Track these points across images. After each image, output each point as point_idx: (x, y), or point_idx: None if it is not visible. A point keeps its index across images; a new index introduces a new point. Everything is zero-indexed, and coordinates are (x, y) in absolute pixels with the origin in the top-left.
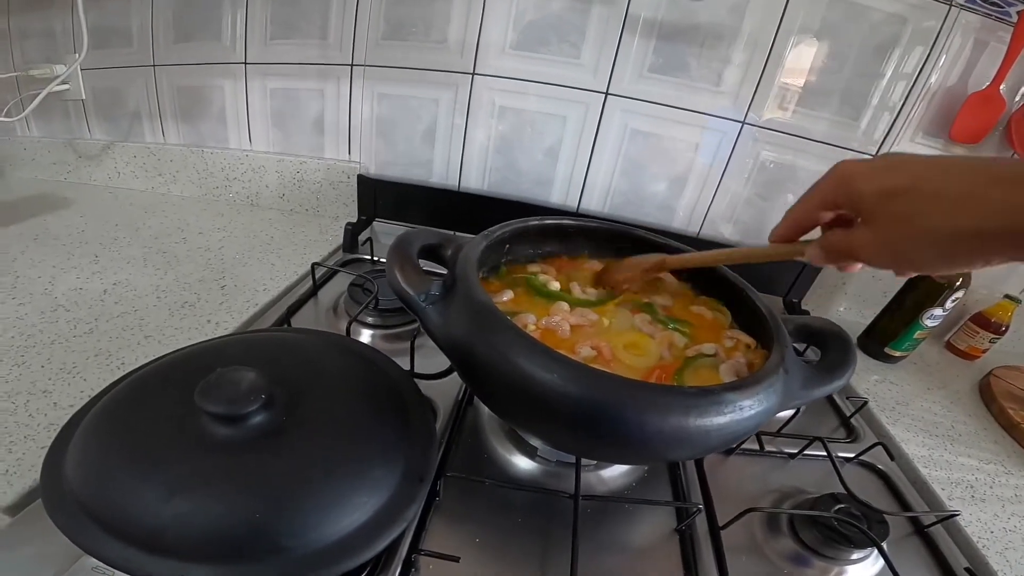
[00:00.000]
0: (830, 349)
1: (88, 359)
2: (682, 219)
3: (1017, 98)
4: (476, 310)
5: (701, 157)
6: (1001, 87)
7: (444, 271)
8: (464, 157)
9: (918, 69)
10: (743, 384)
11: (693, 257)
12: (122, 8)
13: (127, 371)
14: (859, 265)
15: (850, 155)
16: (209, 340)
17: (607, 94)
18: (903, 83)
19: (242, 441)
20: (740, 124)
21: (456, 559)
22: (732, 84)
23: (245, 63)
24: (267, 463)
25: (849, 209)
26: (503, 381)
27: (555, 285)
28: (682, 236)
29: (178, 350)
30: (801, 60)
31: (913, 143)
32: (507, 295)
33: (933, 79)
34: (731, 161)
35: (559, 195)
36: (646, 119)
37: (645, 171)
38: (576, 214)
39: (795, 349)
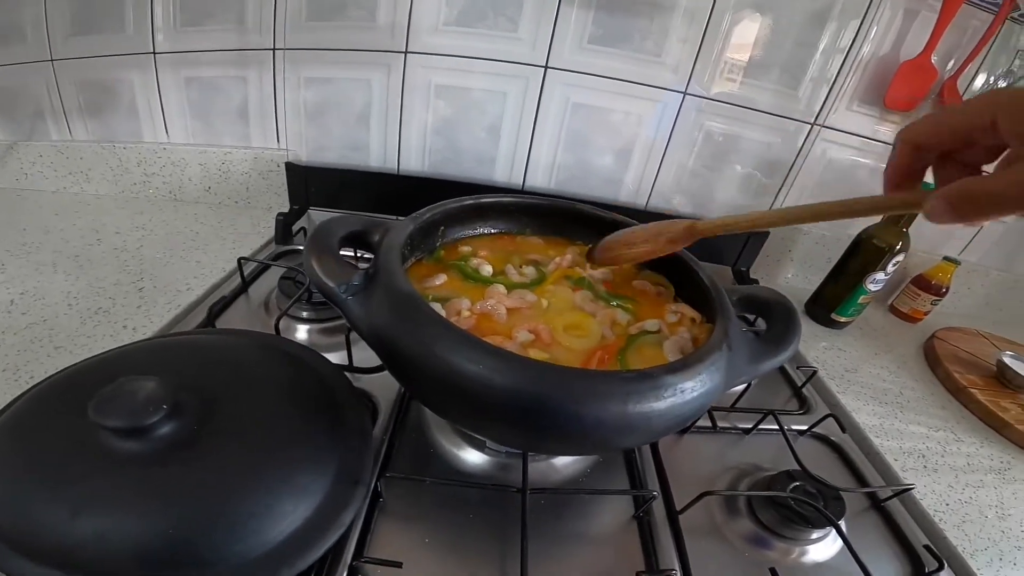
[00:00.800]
0: (775, 320)
1: None
2: (629, 192)
3: (949, 66)
4: (398, 300)
5: (645, 129)
6: (932, 56)
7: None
8: (402, 139)
9: (851, 40)
10: (683, 365)
11: (735, 221)
12: (10, 2)
13: (34, 384)
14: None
15: (791, 124)
16: (116, 348)
17: (547, 67)
18: (838, 54)
19: (149, 454)
20: (682, 95)
21: (398, 564)
22: (673, 55)
23: (154, 53)
24: (178, 475)
25: (1005, 141)
26: (430, 376)
27: (487, 269)
28: (629, 209)
29: (80, 362)
30: (740, 32)
31: (849, 111)
32: (440, 279)
33: (866, 49)
34: (675, 132)
35: (503, 173)
36: (588, 92)
37: (589, 145)
38: (521, 191)
39: (746, 319)
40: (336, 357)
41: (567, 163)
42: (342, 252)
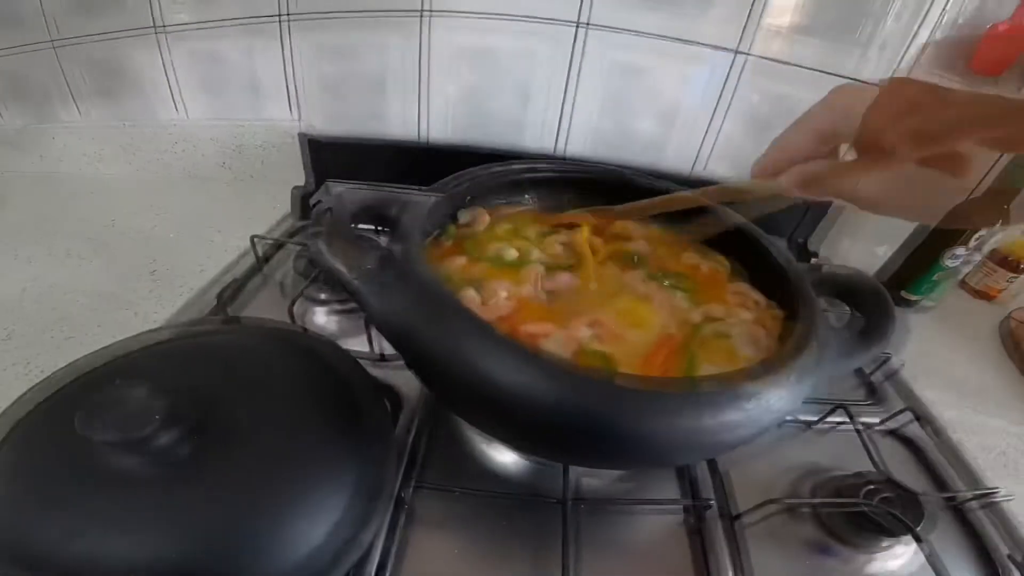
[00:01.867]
0: (866, 310)
1: (5, 369)
2: (672, 158)
3: None
4: (416, 288)
5: (691, 91)
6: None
7: None
8: (423, 105)
9: None
10: (768, 369)
11: (649, 203)
12: None
13: (37, 382)
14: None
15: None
16: (118, 342)
17: (584, 24)
18: (917, 12)
19: (147, 470)
20: (733, 54)
21: None
22: (725, 9)
23: (155, 28)
24: (177, 495)
25: (855, 143)
26: (458, 382)
27: (512, 253)
28: (674, 176)
29: (82, 357)
30: None
31: (929, 75)
32: (459, 261)
33: (950, 8)
34: (723, 94)
35: (534, 139)
36: (629, 51)
37: (630, 108)
38: (553, 158)
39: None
40: (357, 343)
41: (604, 127)
42: (362, 226)
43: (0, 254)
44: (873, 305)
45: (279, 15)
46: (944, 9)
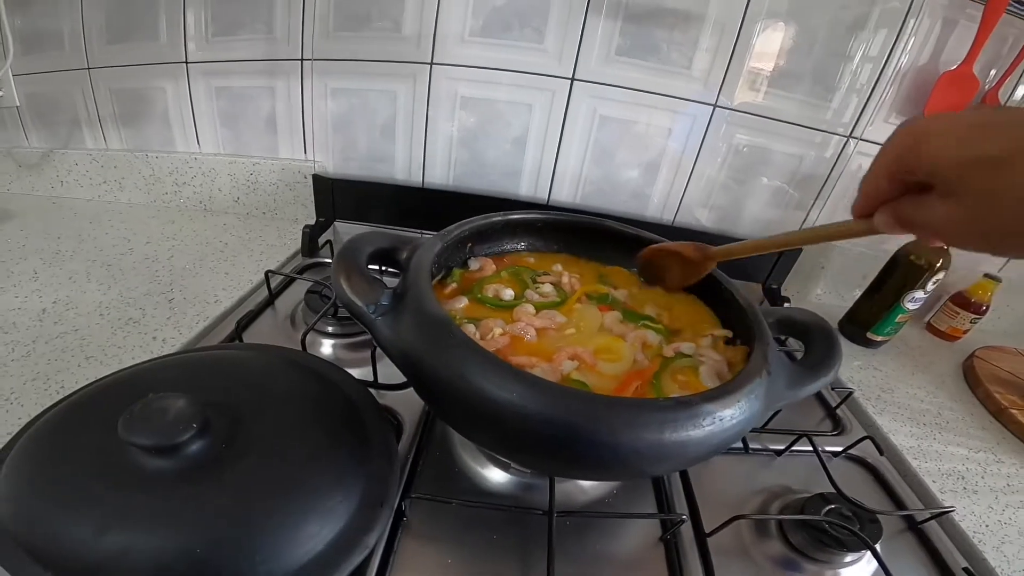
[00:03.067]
0: (815, 344)
1: (25, 384)
2: (656, 206)
3: (991, 76)
4: (427, 322)
5: (673, 142)
6: (974, 66)
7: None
8: (427, 151)
9: (887, 50)
10: (722, 392)
11: (741, 247)
12: (50, 10)
13: (66, 395)
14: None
15: (824, 137)
16: (145, 362)
17: (573, 79)
18: (874, 65)
19: (177, 473)
20: (712, 107)
21: None
22: (702, 67)
23: (186, 62)
24: (205, 495)
25: (924, 178)
26: (459, 400)
27: (508, 294)
28: (657, 225)
29: (110, 375)
30: (770, 43)
31: (886, 123)
32: (462, 301)
33: (904, 60)
34: (704, 145)
35: (528, 187)
36: (615, 104)
37: (616, 158)
38: (547, 206)
39: (777, 339)
40: (360, 372)
41: (593, 177)
42: (370, 267)
43: (20, 275)
44: (821, 341)
45: (301, 58)
46: (899, 61)
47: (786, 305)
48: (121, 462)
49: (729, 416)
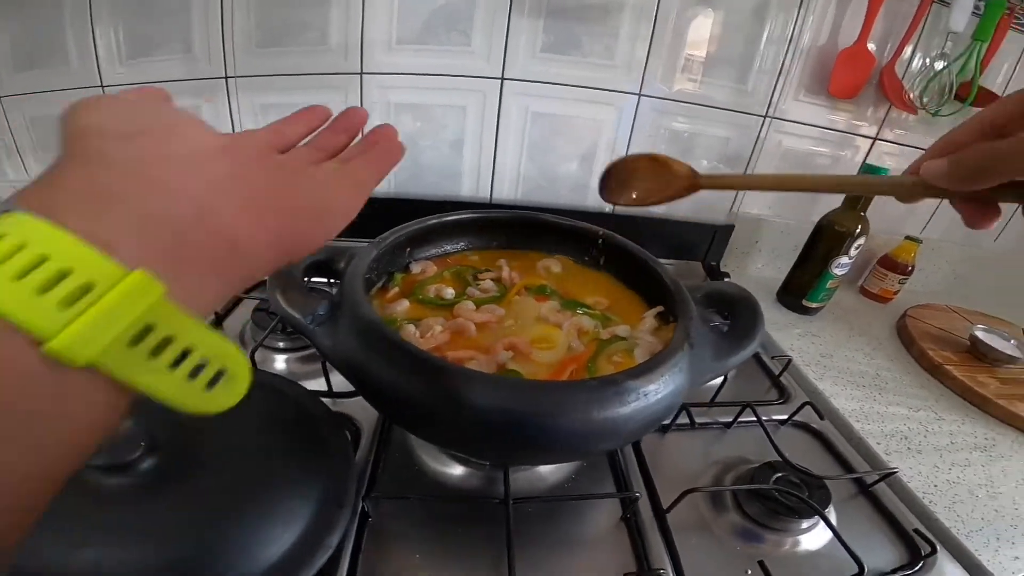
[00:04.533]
0: (738, 316)
1: None
2: (596, 198)
3: (886, 51)
4: (362, 327)
5: (606, 133)
6: (868, 42)
7: None
8: None
9: (791, 31)
10: (645, 369)
11: (733, 179)
12: None
13: None
14: (994, 221)
15: (745, 118)
16: None
17: (503, 79)
18: (780, 46)
19: (135, 488)
20: (637, 96)
21: None
22: (624, 57)
23: (101, 86)
24: (164, 507)
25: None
26: (399, 399)
27: (449, 293)
28: (598, 214)
29: None
30: (687, 30)
31: (798, 101)
32: (404, 304)
33: (806, 39)
34: (635, 134)
35: (469, 187)
36: (546, 100)
37: (553, 153)
38: (489, 205)
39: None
40: (315, 384)
41: (532, 173)
42: (315, 280)
43: None
44: (744, 311)
45: (225, 76)
46: (801, 41)
47: (726, 280)
48: (82, 483)
49: (654, 391)
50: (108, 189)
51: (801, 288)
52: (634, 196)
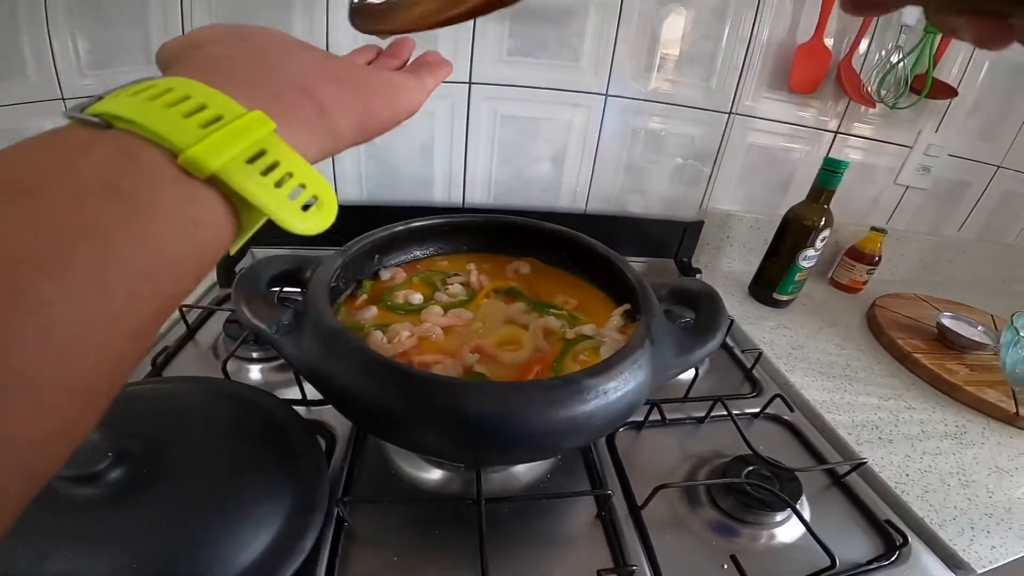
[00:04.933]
0: (701, 310)
1: None
2: (567, 197)
3: (843, 46)
4: (324, 335)
5: (574, 134)
6: (824, 37)
7: None
8: (335, 168)
9: (750, 29)
10: (604, 367)
11: None
12: None
13: None
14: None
15: (710, 115)
16: None
17: (471, 83)
18: (741, 43)
19: (104, 498)
20: (604, 97)
21: None
22: (589, 59)
23: (63, 99)
24: (134, 516)
25: None
26: (362, 405)
27: (417, 298)
28: (570, 214)
29: None
30: (651, 29)
31: (760, 97)
32: (372, 311)
33: (764, 36)
34: (603, 134)
35: (442, 193)
36: (514, 103)
37: (523, 156)
38: (461, 209)
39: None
40: (291, 392)
41: (504, 176)
42: (286, 290)
43: None
44: (707, 305)
45: None
46: (761, 37)
47: (698, 276)
48: (52, 493)
49: (613, 388)
50: (226, 64)
51: (771, 281)
52: (407, 16)
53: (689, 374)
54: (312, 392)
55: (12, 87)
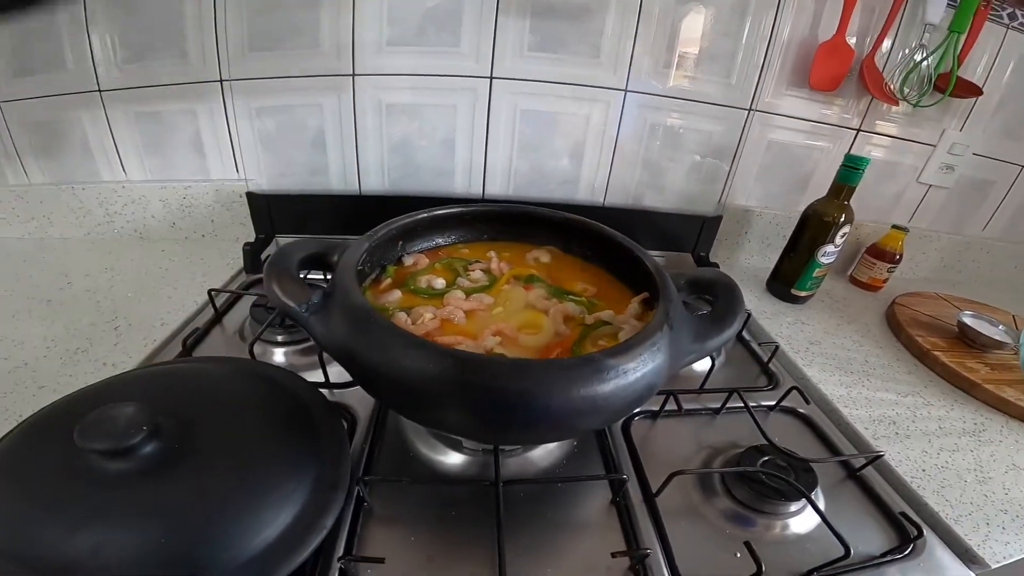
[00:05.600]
0: (719, 299)
1: None
2: (585, 190)
3: (866, 44)
4: (353, 313)
5: (593, 129)
6: (847, 35)
7: None
8: (360, 159)
9: (771, 26)
10: (624, 348)
11: None
12: None
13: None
14: None
15: (729, 111)
16: (99, 381)
17: (492, 78)
18: (762, 41)
19: (135, 473)
20: (623, 92)
21: (381, 560)
22: (609, 55)
23: (99, 91)
24: (164, 491)
25: None
26: (388, 380)
27: (440, 283)
28: (588, 207)
29: (67, 395)
30: (671, 26)
31: (780, 94)
32: (396, 294)
33: (785, 33)
34: (622, 129)
35: (462, 184)
36: (534, 98)
37: (542, 149)
38: (481, 200)
39: (707, 301)
40: (313, 375)
41: (523, 169)
42: (312, 275)
43: None
44: (724, 295)
45: (220, 79)
46: (782, 35)
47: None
48: (83, 468)
49: (632, 368)
50: None
51: (789, 277)
52: None
53: (705, 365)
54: (334, 375)
55: (52, 80)
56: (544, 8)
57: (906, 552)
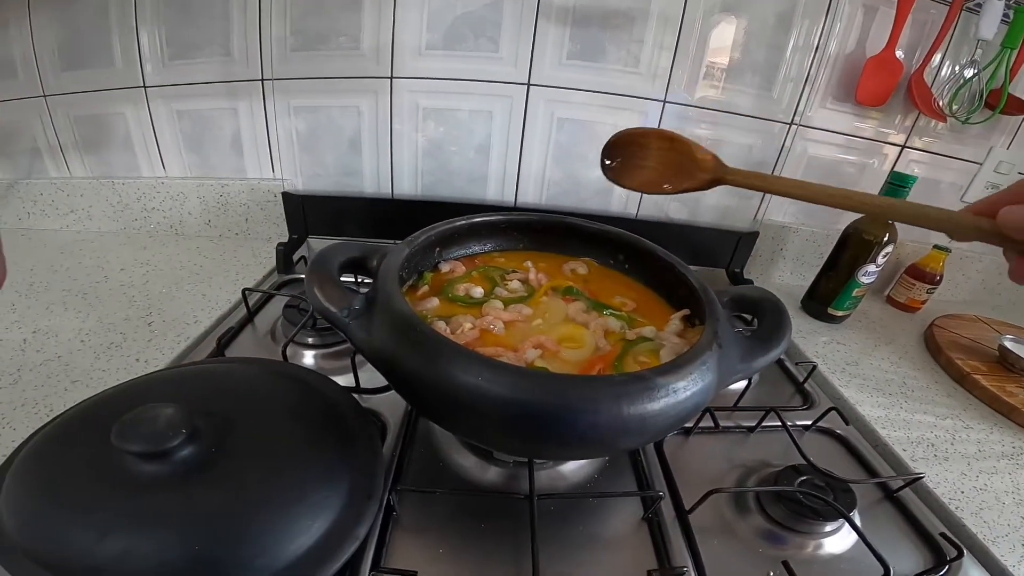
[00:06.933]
0: (765, 318)
1: (15, 409)
2: (619, 202)
3: (914, 59)
4: (397, 320)
5: None
6: (896, 50)
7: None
8: (394, 163)
9: (817, 39)
10: (674, 366)
11: (767, 181)
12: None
13: (58, 415)
14: None
15: (770, 125)
16: (132, 380)
17: (529, 85)
18: (807, 54)
19: (170, 477)
20: (662, 103)
21: (413, 573)
22: (649, 65)
23: (144, 87)
24: (199, 496)
25: None
26: (431, 390)
27: (478, 292)
28: (621, 219)
29: (99, 393)
30: (712, 38)
31: (824, 108)
32: (434, 302)
33: (832, 47)
34: None
35: (495, 191)
36: (571, 106)
37: (577, 158)
38: (514, 208)
39: (744, 319)
40: (344, 380)
41: (557, 178)
42: (342, 278)
43: None
44: (770, 314)
45: (261, 78)
46: (828, 49)
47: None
48: (116, 469)
49: (683, 388)
50: None
51: (826, 296)
52: (643, 178)
53: (740, 383)
54: (366, 380)
55: (98, 75)
56: (585, 16)
57: (942, 573)
